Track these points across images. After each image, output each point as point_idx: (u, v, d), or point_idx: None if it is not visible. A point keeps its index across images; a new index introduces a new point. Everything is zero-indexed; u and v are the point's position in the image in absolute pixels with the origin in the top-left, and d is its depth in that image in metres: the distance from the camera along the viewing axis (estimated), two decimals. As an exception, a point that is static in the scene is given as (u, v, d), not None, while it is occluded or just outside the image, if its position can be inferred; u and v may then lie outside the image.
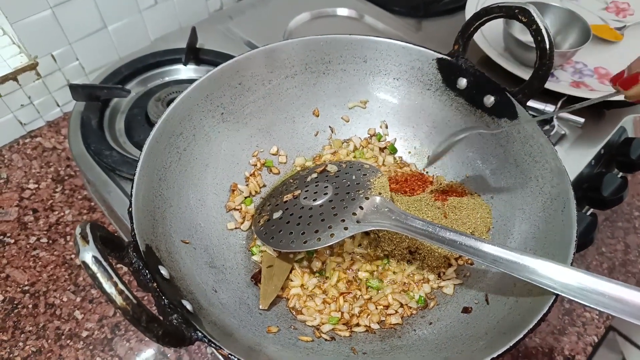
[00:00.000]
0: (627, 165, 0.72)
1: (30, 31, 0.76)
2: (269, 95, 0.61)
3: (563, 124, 0.72)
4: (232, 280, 0.51)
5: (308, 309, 0.50)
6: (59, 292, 0.67)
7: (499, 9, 0.52)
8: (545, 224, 0.48)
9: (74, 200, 0.77)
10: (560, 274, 0.40)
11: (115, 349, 0.62)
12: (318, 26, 0.91)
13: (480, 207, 0.55)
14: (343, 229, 0.48)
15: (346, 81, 0.63)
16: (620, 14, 0.86)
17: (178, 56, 0.82)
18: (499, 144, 0.56)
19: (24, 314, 0.65)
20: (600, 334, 0.68)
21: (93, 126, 0.71)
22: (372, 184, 0.52)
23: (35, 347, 0.62)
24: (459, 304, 0.49)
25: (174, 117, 0.52)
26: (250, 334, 0.44)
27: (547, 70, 0.51)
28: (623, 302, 0.37)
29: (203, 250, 0.51)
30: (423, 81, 0.61)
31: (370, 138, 0.64)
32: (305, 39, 0.60)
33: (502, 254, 0.42)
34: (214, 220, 0.55)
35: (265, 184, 0.61)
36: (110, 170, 0.67)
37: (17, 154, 0.82)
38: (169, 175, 0.51)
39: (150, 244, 0.43)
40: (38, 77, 0.81)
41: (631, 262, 0.74)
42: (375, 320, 0.49)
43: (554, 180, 0.48)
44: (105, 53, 0.87)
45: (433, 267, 0.53)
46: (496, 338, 0.40)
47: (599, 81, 0.74)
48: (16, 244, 0.72)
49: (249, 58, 0.58)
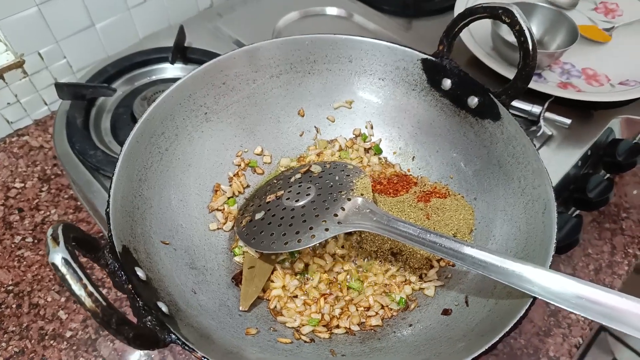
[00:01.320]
0: (613, 166, 0.72)
1: (16, 29, 0.75)
2: (254, 94, 0.61)
3: (550, 125, 0.72)
4: (212, 281, 0.50)
5: (288, 311, 0.50)
6: (43, 292, 0.67)
7: (483, 9, 0.52)
8: (527, 225, 0.48)
9: (60, 200, 0.76)
10: (538, 276, 0.39)
11: (99, 349, 0.62)
12: (307, 25, 0.90)
13: (463, 208, 0.55)
14: (324, 230, 0.48)
15: (331, 81, 0.63)
16: (609, 15, 0.86)
17: (165, 55, 0.82)
18: (483, 144, 0.56)
19: (7, 314, 0.65)
20: (585, 336, 0.68)
21: (78, 125, 0.71)
22: (354, 184, 0.52)
23: (18, 348, 0.62)
24: (439, 306, 0.49)
25: (155, 116, 0.52)
26: (228, 336, 0.44)
27: (531, 71, 0.51)
28: (600, 305, 0.37)
29: (184, 251, 0.50)
30: (408, 81, 0.60)
31: (355, 138, 0.64)
32: (289, 38, 0.60)
33: (482, 256, 0.42)
34: (195, 221, 0.55)
35: (249, 185, 0.61)
36: (95, 169, 0.67)
37: (3, 153, 0.81)
38: (150, 175, 0.51)
39: (128, 245, 0.43)
40: (25, 76, 0.80)
41: (617, 263, 0.74)
42: (356, 322, 0.49)
43: (536, 182, 0.48)
44: (93, 51, 0.87)
45: (415, 269, 0.53)
46: (474, 340, 0.40)
47: (587, 82, 0.74)
48: (1, 244, 0.71)
49: (233, 57, 0.58)
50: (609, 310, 0.37)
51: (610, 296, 0.37)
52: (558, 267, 0.74)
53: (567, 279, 0.39)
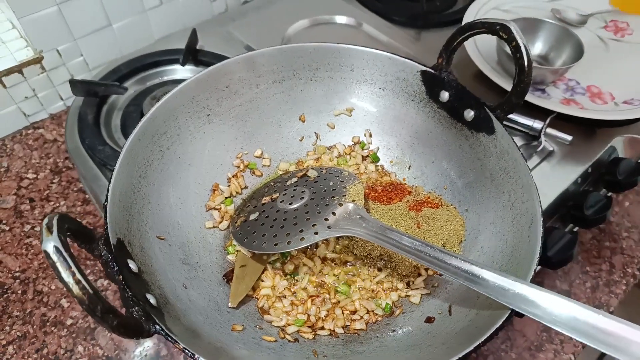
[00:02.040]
0: (614, 184, 0.71)
1: (36, 26, 0.79)
2: (256, 99, 0.63)
3: (551, 141, 0.72)
4: (204, 277, 0.52)
5: (275, 310, 0.52)
6: (47, 280, 0.69)
7: (481, 25, 0.53)
8: (513, 238, 0.48)
9: (69, 192, 0.79)
10: (518, 289, 0.40)
11: (97, 338, 0.64)
12: (316, 33, 0.92)
13: (455, 219, 0.56)
14: (313, 234, 0.49)
15: (333, 89, 0.64)
16: (618, 33, 0.86)
17: (177, 56, 0.84)
18: (477, 157, 0.56)
19: (12, 299, 0.67)
20: (577, 353, 0.68)
21: (89, 121, 0.73)
22: (347, 191, 0.53)
23: (21, 332, 0.64)
24: (423, 314, 0.50)
25: (158, 116, 0.54)
26: (214, 331, 0.45)
27: (525, 87, 0.51)
28: (578, 321, 0.38)
29: (178, 247, 0.52)
30: (407, 92, 0.62)
31: (354, 146, 0.65)
32: (293, 45, 0.61)
33: (465, 266, 0.42)
34: (192, 219, 0.56)
35: (247, 186, 0.62)
36: (102, 164, 0.69)
37: (18, 144, 0.85)
38: (150, 172, 0.53)
39: (123, 238, 0.45)
40: (43, 71, 0.83)
41: (615, 282, 0.74)
42: (340, 325, 0.50)
43: (525, 196, 0.49)
44: (109, 50, 0.90)
45: (403, 276, 0.54)
46: (454, 348, 0.41)
47: (590, 99, 0.74)
48: (11, 231, 0.74)
49: (237, 62, 0.60)
50: (587, 327, 0.37)
51: (587, 312, 0.37)
52: (554, 283, 0.74)
53: (546, 293, 0.39)
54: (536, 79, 0.75)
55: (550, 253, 0.62)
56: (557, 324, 0.38)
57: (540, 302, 0.39)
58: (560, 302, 0.38)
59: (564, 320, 0.38)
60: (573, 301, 0.38)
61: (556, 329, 0.38)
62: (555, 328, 0.38)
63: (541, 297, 0.39)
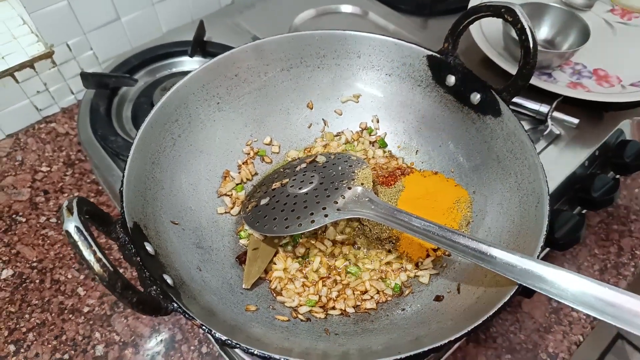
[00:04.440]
0: (621, 167, 0.72)
1: (47, 21, 0.80)
2: (265, 87, 0.64)
3: (558, 125, 0.72)
4: (217, 260, 0.53)
5: (288, 291, 0.53)
6: (64, 270, 0.71)
7: (486, 8, 0.53)
8: (520, 218, 0.49)
9: (82, 184, 0.81)
10: (524, 264, 0.41)
11: (113, 324, 0.66)
12: (322, 22, 0.93)
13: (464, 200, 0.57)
14: (323, 216, 0.50)
15: (340, 75, 0.65)
16: (625, 17, 0.86)
17: (185, 48, 0.85)
18: (484, 140, 0.57)
19: (31, 288, 0.69)
20: (586, 334, 0.68)
21: (101, 113, 0.75)
22: (356, 174, 0.54)
23: (40, 320, 0.66)
24: (432, 293, 0.51)
25: (169, 104, 0.55)
26: (228, 311, 0.47)
27: (531, 69, 0.52)
28: (587, 295, 0.38)
29: (191, 232, 0.54)
30: (414, 77, 0.62)
31: (361, 132, 0.66)
32: (300, 33, 0.62)
33: (472, 244, 0.43)
34: (204, 205, 0.58)
35: (257, 172, 0.63)
36: (115, 155, 0.71)
37: (32, 138, 0.86)
38: (163, 159, 0.54)
39: (139, 222, 0.46)
40: (54, 65, 0.85)
41: (623, 264, 0.75)
42: (351, 305, 0.51)
43: (531, 177, 0.49)
44: (119, 43, 0.91)
45: (411, 257, 0.55)
46: (461, 324, 0.42)
47: (597, 82, 0.74)
48: (27, 223, 0.76)
49: (245, 50, 0.61)
50: (595, 300, 0.38)
51: (594, 285, 0.38)
52: (562, 265, 0.74)
53: (553, 268, 0.40)
54: (542, 63, 0.75)
55: (558, 234, 0.62)
56: (565, 298, 0.39)
57: (548, 277, 0.39)
58: (568, 276, 0.39)
59: (572, 293, 0.38)
60: (580, 275, 0.38)
61: (564, 302, 0.38)
62: (564, 302, 0.39)
63: (548, 272, 0.40)
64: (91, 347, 0.63)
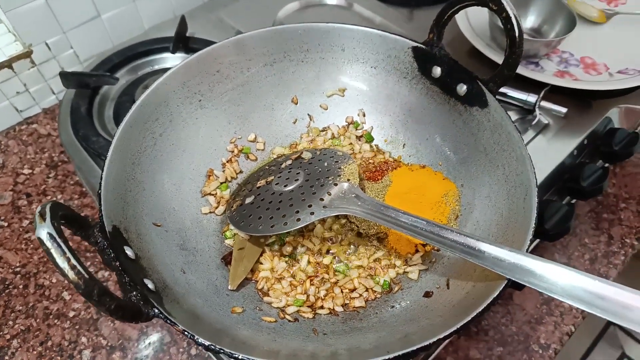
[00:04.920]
0: (610, 155, 0.71)
1: (24, 19, 0.78)
2: (248, 82, 0.62)
3: (546, 114, 0.72)
4: (202, 262, 0.52)
5: (275, 291, 0.52)
6: (48, 274, 0.69)
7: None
8: (509, 211, 0.48)
9: (66, 186, 0.79)
10: (513, 259, 0.40)
11: (100, 328, 0.65)
12: (307, 15, 0.91)
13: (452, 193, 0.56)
14: (309, 214, 0.49)
15: (324, 69, 0.64)
16: (612, 3, 0.85)
17: (167, 45, 0.83)
18: (471, 132, 0.56)
19: (14, 294, 0.67)
20: (577, 324, 0.68)
21: (82, 113, 0.73)
22: (342, 170, 0.53)
23: (24, 326, 0.65)
24: (421, 289, 0.50)
25: (149, 103, 0.54)
26: (214, 314, 0.46)
27: (517, 58, 0.51)
28: (576, 288, 0.38)
29: (175, 233, 0.52)
30: (400, 69, 0.61)
31: (347, 126, 0.65)
32: (283, 27, 0.61)
33: (460, 239, 0.42)
34: (188, 205, 0.56)
35: (242, 170, 0.62)
36: (97, 155, 0.69)
37: (13, 140, 0.84)
38: (144, 159, 0.53)
39: (119, 225, 0.45)
40: (33, 65, 0.83)
41: (614, 253, 0.74)
42: (340, 304, 0.51)
43: (519, 169, 0.49)
44: (100, 41, 0.89)
45: (400, 253, 0.54)
46: (450, 320, 0.41)
47: (584, 71, 0.74)
48: (9, 227, 0.74)
49: (227, 46, 0.59)
50: (584, 293, 0.37)
51: (583, 278, 0.37)
52: (553, 256, 0.75)
53: (542, 262, 0.39)
54: (529, 52, 0.74)
55: (548, 225, 0.62)
56: (555, 291, 0.38)
57: (537, 271, 0.39)
58: (557, 269, 0.38)
59: (561, 287, 0.38)
60: (569, 268, 0.38)
61: (554, 296, 0.38)
62: (553, 296, 0.38)
63: (537, 265, 0.39)
64: (78, 352, 0.62)
